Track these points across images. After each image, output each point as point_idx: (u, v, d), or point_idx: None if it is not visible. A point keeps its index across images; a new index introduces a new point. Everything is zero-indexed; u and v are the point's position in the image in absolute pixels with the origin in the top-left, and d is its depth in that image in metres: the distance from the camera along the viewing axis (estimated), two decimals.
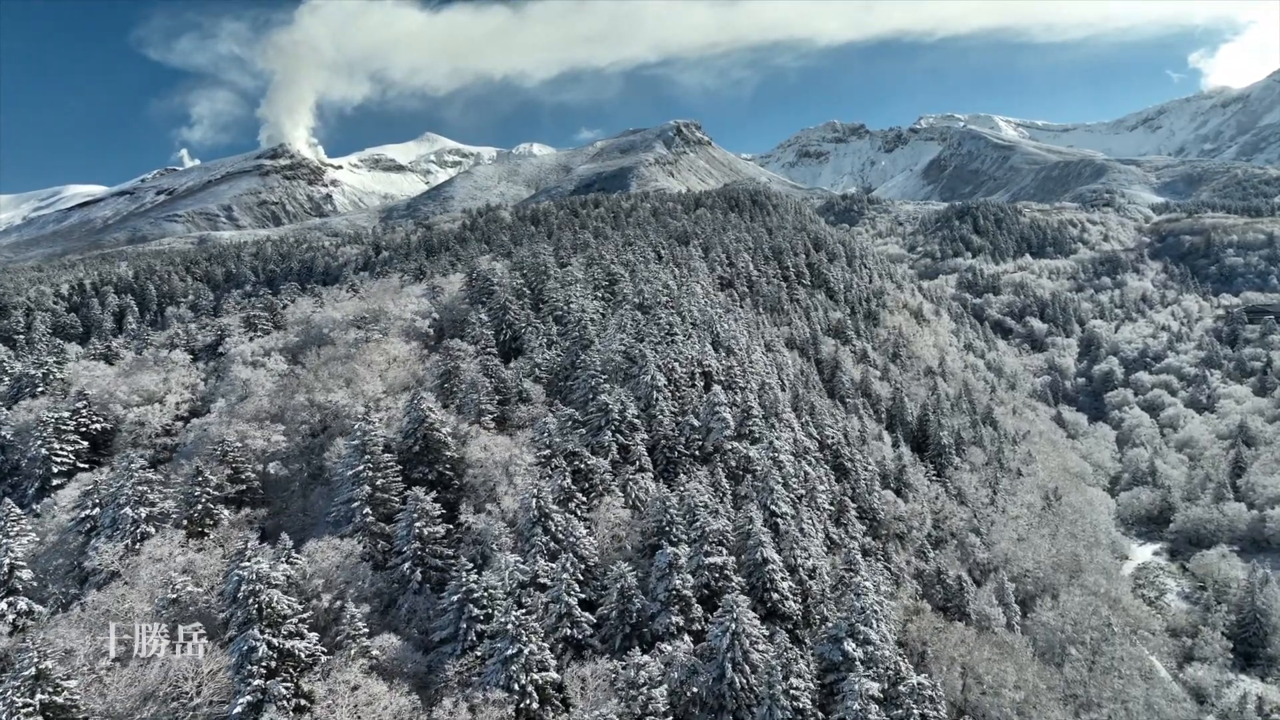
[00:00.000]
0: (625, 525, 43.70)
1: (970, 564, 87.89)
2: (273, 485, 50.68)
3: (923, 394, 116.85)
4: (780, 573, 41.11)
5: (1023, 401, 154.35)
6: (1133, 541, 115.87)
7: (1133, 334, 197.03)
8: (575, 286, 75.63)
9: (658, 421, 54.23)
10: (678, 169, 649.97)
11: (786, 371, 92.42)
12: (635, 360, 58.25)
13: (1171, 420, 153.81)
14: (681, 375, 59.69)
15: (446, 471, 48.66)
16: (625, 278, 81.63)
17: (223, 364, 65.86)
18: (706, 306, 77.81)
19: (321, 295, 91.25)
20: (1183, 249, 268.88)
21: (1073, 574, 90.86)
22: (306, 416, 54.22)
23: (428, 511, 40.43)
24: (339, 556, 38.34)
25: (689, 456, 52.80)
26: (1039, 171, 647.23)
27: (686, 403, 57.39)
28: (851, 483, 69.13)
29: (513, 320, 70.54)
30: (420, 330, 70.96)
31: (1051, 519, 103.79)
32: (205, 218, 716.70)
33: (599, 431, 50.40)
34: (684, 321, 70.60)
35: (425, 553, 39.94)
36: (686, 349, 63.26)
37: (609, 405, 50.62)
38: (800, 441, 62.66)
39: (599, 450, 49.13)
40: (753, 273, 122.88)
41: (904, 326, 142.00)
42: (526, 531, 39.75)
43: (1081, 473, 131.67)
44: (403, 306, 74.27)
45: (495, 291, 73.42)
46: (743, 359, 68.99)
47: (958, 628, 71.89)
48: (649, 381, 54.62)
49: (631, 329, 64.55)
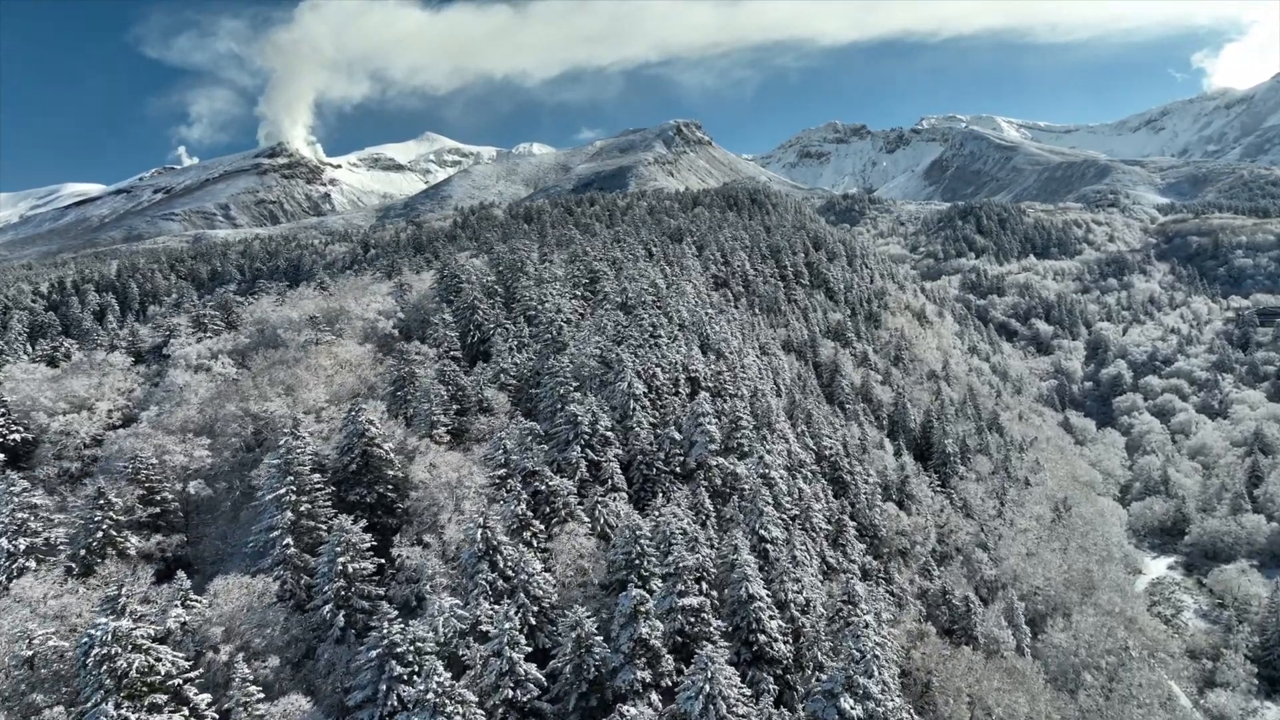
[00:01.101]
0: (591, 556, 38.00)
1: (977, 581, 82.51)
2: (197, 508, 45.04)
3: (926, 399, 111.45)
4: (768, 610, 35.53)
5: (1029, 406, 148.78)
6: (1146, 554, 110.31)
7: (1141, 337, 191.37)
8: (553, 284, 69.81)
9: (635, 435, 48.57)
10: (677, 169, 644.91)
11: (782, 376, 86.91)
12: (611, 365, 52.57)
13: (1183, 426, 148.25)
14: (664, 382, 54.01)
15: (389, 494, 42.82)
16: (609, 275, 75.56)
17: (165, 368, 60.07)
18: (696, 307, 72.26)
19: (285, 293, 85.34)
20: (1190, 250, 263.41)
21: (1085, 591, 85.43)
22: (239, 428, 48.40)
23: (354, 543, 34.44)
24: (249, 597, 32.41)
25: (669, 474, 46.98)
26: (1042, 172, 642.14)
27: (669, 413, 51.71)
28: (851, 497, 63.63)
29: (481, 320, 64.67)
30: (383, 331, 65.25)
31: (1062, 532, 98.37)
32: (202, 216, 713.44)
33: (566, 446, 44.75)
34: (670, 323, 65.09)
35: (351, 593, 33.79)
36: (671, 353, 57.52)
37: (578, 416, 44.95)
38: (795, 454, 57.07)
39: (565, 468, 43.47)
40: (749, 272, 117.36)
41: (906, 328, 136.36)
42: (470, 568, 33.89)
43: (1091, 481, 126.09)
44: (365, 305, 68.51)
45: (463, 289, 67.55)
46: (734, 363, 63.46)
47: (965, 653, 66.79)
48: (626, 389, 48.93)
49: (611, 331, 58.86)
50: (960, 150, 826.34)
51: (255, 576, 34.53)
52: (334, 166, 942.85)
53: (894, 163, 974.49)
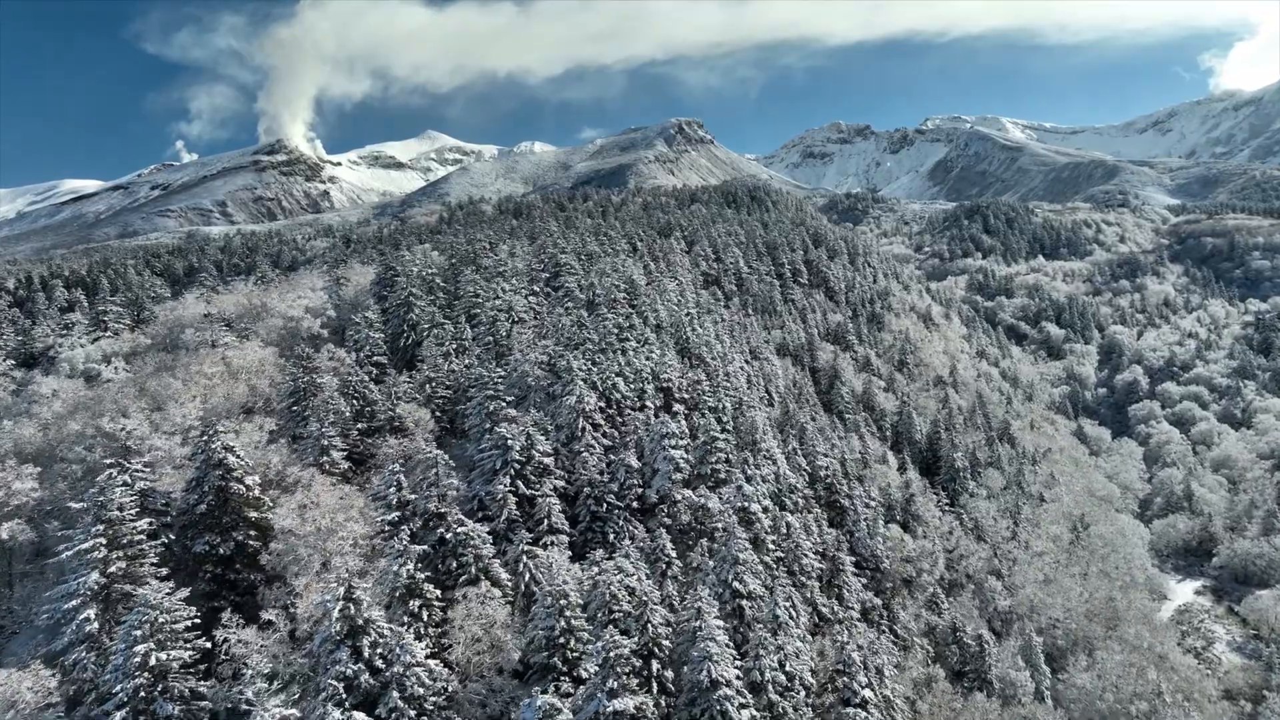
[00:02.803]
0: (507, 626, 29.86)
1: (990, 613, 74.54)
2: (14, 555, 35.87)
3: (932, 407, 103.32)
4: (737, 699, 27.39)
5: (1041, 414, 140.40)
6: (1170, 577, 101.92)
7: (1157, 341, 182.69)
8: (508, 279, 61.30)
9: (583, 461, 40.32)
10: (678, 167, 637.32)
11: (776, 383, 78.90)
12: (561, 375, 44.28)
13: (1204, 436, 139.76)
14: (627, 395, 45.69)
15: (251, 543, 33.21)
16: (575, 269, 66.87)
17: (45, 373, 51.75)
18: (679, 305, 64.11)
19: (218, 288, 77.07)
20: (1204, 251, 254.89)
21: (1109, 623, 77.33)
22: (84, 453, 38.69)
23: (165, 623, 25.12)
24: (30, 695, 23.84)
25: (623, 510, 38.61)
26: (1048, 173, 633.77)
27: (629, 433, 43.56)
28: (850, 525, 55.51)
29: (417, 320, 55.64)
30: (309, 332, 56.85)
31: (1081, 554, 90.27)
32: (198, 213, 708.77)
33: (493, 477, 36.50)
34: (645, 324, 56.97)
35: (159, 694, 24.47)
36: (639, 359, 49.28)
37: (508, 440, 36.66)
38: (785, 477, 48.92)
39: (489, 506, 35.20)
40: (743, 269, 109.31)
41: (911, 331, 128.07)
42: (323, 658, 25.20)
43: (1108, 496, 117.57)
44: (290, 302, 60.15)
45: (398, 282, 59.07)
46: (716, 370, 55.33)
47: (978, 701, 59.05)
48: (574, 405, 40.69)
49: (570, 332, 50.60)
50: (965, 151, 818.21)
51: (27, 670, 25.35)
52: (333, 164, 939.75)
53: (898, 163, 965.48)
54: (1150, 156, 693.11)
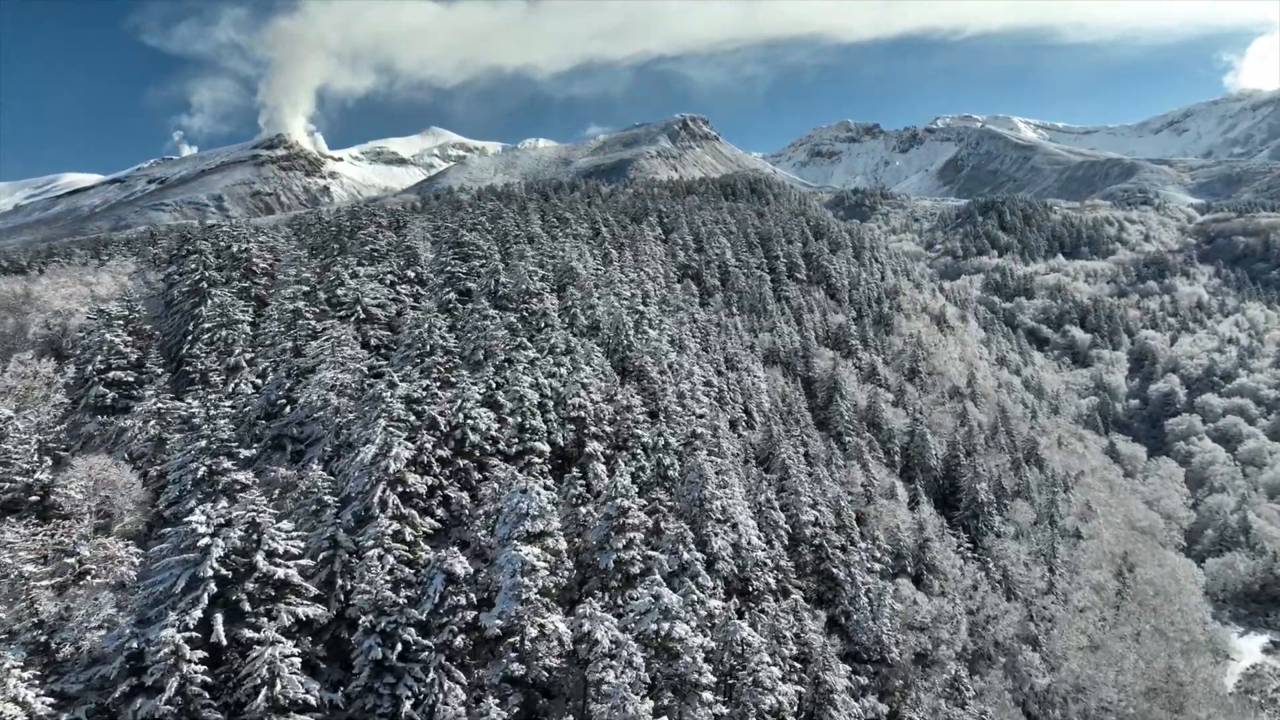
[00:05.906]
0: None
1: (1025, 695, 59.22)
2: None
3: (949, 424, 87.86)
4: None
5: (1068, 430, 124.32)
6: (1232, 630, 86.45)
7: (1193, 348, 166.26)
8: (374, 264, 45.45)
9: (367, 566, 24.47)
10: (681, 163, 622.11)
11: (758, 399, 63.46)
12: (368, 406, 28.52)
13: (1253, 456, 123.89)
14: (495, 437, 29.64)
15: None
16: (482, 249, 50.36)
17: None
18: (618, 301, 48.76)
19: (44, 269, 62.21)
20: (1236, 251, 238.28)
21: (1174, 705, 62.13)
22: None
23: None
24: None
25: (439, 652, 21.90)
26: (1062, 172, 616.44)
27: (484, 501, 27.91)
28: (845, 602, 40.14)
29: (209, 316, 38.62)
30: (82, 332, 41.93)
31: (1130, 608, 74.87)
32: (194, 207, 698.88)
33: (168, 610, 19.78)
34: (571, 326, 41.79)
35: None
36: (534, 374, 33.67)
37: (200, 536, 20.23)
38: (750, 549, 33.64)
39: (146, 668, 18.95)
40: (729, 261, 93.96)
41: (923, 334, 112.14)
42: None
43: (1151, 527, 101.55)
44: (67, 293, 45.04)
45: (190, 260, 42.39)
46: (664, 389, 40.13)
47: None
48: (367, 462, 24.76)
49: (418, 343, 34.64)
50: (976, 150, 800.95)
51: None
52: (334, 159, 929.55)
53: (907, 162, 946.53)
54: (1166, 156, 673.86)
